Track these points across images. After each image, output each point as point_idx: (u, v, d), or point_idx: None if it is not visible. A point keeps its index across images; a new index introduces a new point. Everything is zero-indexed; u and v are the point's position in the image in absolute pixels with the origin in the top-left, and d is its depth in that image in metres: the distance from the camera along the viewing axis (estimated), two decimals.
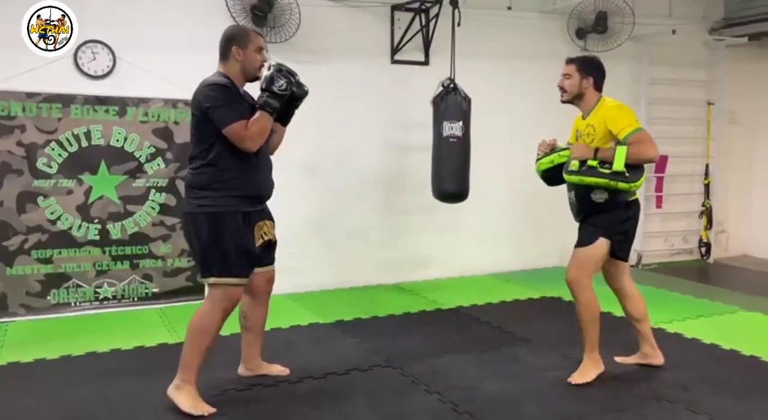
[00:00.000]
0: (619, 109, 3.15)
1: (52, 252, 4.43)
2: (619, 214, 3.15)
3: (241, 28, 3.00)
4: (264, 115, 2.82)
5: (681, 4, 6.31)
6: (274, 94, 2.83)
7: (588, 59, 3.29)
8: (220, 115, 2.75)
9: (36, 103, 4.30)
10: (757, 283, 5.62)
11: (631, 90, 6.26)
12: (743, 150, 6.80)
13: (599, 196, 3.09)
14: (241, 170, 2.84)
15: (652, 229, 6.43)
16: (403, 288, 5.29)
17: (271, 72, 2.84)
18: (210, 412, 2.85)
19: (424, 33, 5.29)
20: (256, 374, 3.27)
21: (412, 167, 5.29)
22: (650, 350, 3.42)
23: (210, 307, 2.86)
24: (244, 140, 2.77)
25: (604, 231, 3.15)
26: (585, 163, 3.08)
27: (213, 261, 2.83)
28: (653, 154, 3.06)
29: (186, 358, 2.88)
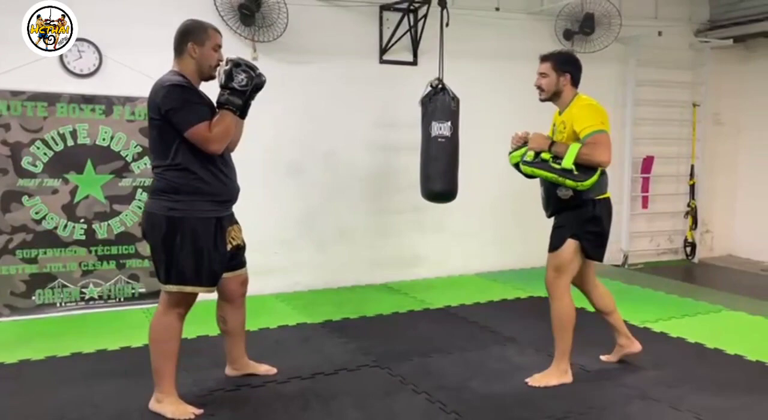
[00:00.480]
0: (588, 108, 3.10)
1: (37, 252, 4.39)
2: (585, 212, 3.11)
3: (199, 23, 2.82)
4: (227, 114, 2.69)
5: (667, 7, 6.37)
6: (234, 91, 2.68)
7: (562, 55, 3.25)
8: (180, 118, 2.62)
9: (21, 102, 4.26)
10: (741, 283, 5.68)
11: (617, 91, 6.31)
12: (728, 151, 6.87)
13: (564, 193, 3.07)
14: (209, 173, 2.74)
15: (638, 229, 6.48)
16: (391, 288, 5.30)
17: (229, 67, 2.69)
18: (196, 413, 2.83)
19: (412, 33, 5.30)
20: (244, 373, 3.26)
21: (401, 167, 5.30)
22: (626, 341, 3.43)
23: (165, 312, 2.78)
24: (209, 142, 2.65)
25: (571, 231, 3.12)
26: (539, 154, 3.08)
27: (182, 268, 2.71)
28: (604, 159, 3.00)
29: (157, 367, 2.82)
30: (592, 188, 3.08)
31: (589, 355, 3.59)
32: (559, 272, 3.17)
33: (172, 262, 2.71)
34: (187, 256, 2.70)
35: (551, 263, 3.19)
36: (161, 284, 2.78)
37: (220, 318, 3.15)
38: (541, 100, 3.28)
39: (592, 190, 3.08)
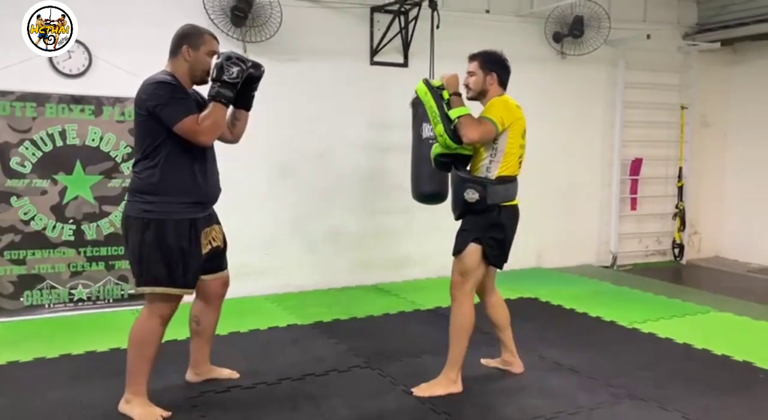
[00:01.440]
0: (497, 102, 3.07)
1: (26, 253, 4.36)
2: (489, 217, 3.06)
3: (197, 28, 2.85)
4: (217, 106, 2.69)
5: (656, 10, 6.42)
6: (225, 84, 2.69)
7: (489, 54, 3.19)
8: (168, 112, 2.63)
9: (9, 102, 4.23)
10: (729, 284, 5.73)
11: (606, 93, 6.36)
12: (715, 153, 6.94)
13: (471, 196, 3.05)
14: (189, 174, 2.74)
15: (626, 230, 6.53)
16: (381, 289, 5.30)
17: (220, 61, 2.71)
18: (164, 415, 2.81)
19: (403, 35, 5.31)
20: (205, 379, 3.20)
21: (392, 168, 5.31)
22: (510, 358, 3.39)
23: (148, 316, 2.78)
24: (198, 134, 2.65)
25: (474, 236, 3.08)
26: (442, 89, 3.07)
27: (155, 270, 2.70)
28: (471, 134, 2.95)
29: (132, 368, 2.81)
30: (496, 195, 3.05)
31: (578, 355, 3.62)
32: (464, 277, 3.10)
33: (145, 263, 2.72)
34: (160, 257, 2.70)
35: (456, 268, 3.14)
36: (135, 286, 2.79)
37: (194, 317, 3.12)
38: (468, 98, 3.22)
39: (497, 196, 3.05)
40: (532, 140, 3.49)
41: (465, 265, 3.10)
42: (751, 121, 6.70)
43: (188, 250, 2.76)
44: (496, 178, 3.06)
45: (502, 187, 3.07)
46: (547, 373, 3.39)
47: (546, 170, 5.95)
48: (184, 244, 2.74)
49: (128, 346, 2.82)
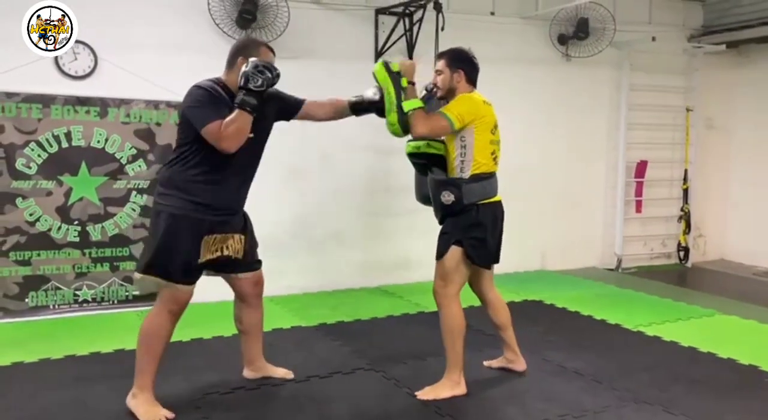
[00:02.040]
0: (460, 99, 3.06)
1: (31, 254, 4.37)
2: (467, 218, 3.03)
3: (254, 41, 2.97)
4: (241, 113, 2.70)
5: (661, 12, 6.41)
6: (250, 92, 2.71)
7: (456, 52, 3.18)
8: (197, 115, 2.71)
9: (15, 103, 4.25)
10: (734, 287, 5.71)
11: (611, 95, 6.35)
12: (721, 155, 6.91)
13: (447, 198, 3.03)
14: (210, 178, 2.78)
15: (631, 233, 6.51)
16: (386, 291, 5.30)
17: (247, 69, 2.73)
18: (168, 417, 2.83)
19: (407, 37, 5.31)
20: (262, 376, 3.26)
21: (395, 170, 5.30)
22: (513, 356, 3.38)
23: (157, 309, 2.85)
24: (221, 140, 2.68)
25: (455, 238, 3.04)
26: (400, 75, 3.01)
27: (152, 257, 2.78)
28: (419, 129, 2.95)
29: (139, 363, 2.85)
30: (472, 193, 3.02)
31: (582, 358, 3.61)
32: (445, 281, 3.07)
33: (146, 249, 2.86)
34: (159, 246, 2.77)
35: (438, 272, 3.11)
36: (137, 272, 2.87)
37: (237, 318, 3.21)
38: (438, 97, 3.20)
39: (473, 195, 3.02)
40: (536, 142, 3.49)
41: (445, 269, 3.07)
42: (757, 124, 6.67)
43: (182, 247, 2.77)
44: (470, 177, 3.03)
45: (478, 186, 3.03)
46: (551, 376, 3.39)
47: (550, 172, 5.94)
48: (185, 242, 2.77)
49: (137, 340, 2.87)
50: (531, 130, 5.84)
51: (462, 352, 3.10)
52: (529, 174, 5.74)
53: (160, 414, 2.83)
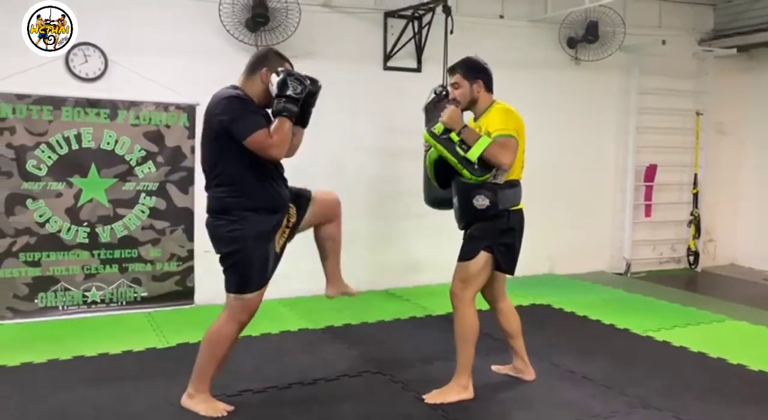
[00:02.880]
0: (504, 112, 3.07)
1: (41, 255, 4.39)
2: (500, 223, 3.04)
3: (279, 54, 2.96)
4: (284, 120, 2.74)
5: (671, 15, 6.38)
6: (290, 99, 2.75)
7: (469, 63, 3.17)
8: (240, 126, 2.70)
9: (26, 105, 4.27)
10: (745, 293, 5.67)
11: (621, 99, 6.32)
12: (731, 160, 6.87)
13: (481, 202, 3.00)
14: (260, 186, 2.82)
15: (640, 237, 6.47)
16: (393, 294, 5.29)
17: (282, 77, 2.76)
18: (228, 410, 2.90)
19: (416, 40, 5.31)
20: (341, 292, 3.37)
21: (404, 173, 5.30)
22: (522, 365, 3.36)
23: (227, 318, 2.88)
24: (269, 148, 2.71)
25: (485, 243, 3.04)
26: (449, 132, 2.99)
27: (235, 278, 2.84)
28: (507, 161, 2.94)
29: (201, 366, 2.91)
30: (507, 199, 3.03)
31: (591, 363, 3.58)
32: (465, 284, 3.06)
33: (232, 273, 2.85)
34: (244, 268, 2.82)
35: (458, 274, 3.10)
36: (226, 291, 2.90)
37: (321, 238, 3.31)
38: (461, 109, 3.16)
39: (507, 200, 3.03)
40: (545, 146, 3.47)
41: (469, 273, 3.06)
42: (767, 128, 6.63)
43: (267, 258, 2.89)
44: (504, 183, 3.04)
45: (511, 192, 3.06)
46: (560, 381, 3.37)
47: (559, 176, 5.92)
48: (266, 254, 2.87)
49: (202, 344, 2.92)
50: (540, 134, 5.80)
51: (472, 358, 3.09)
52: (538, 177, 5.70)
53: (221, 408, 2.90)
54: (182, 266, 4.76)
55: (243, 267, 2.82)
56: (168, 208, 4.68)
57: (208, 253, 4.77)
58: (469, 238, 3.13)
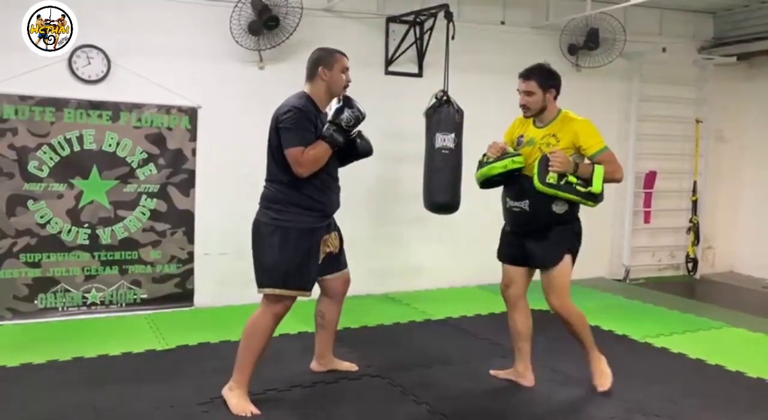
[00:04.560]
0: (590, 125, 3.13)
1: (41, 256, 4.40)
2: (575, 226, 3.15)
3: (328, 50, 3.10)
4: (323, 144, 2.90)
5: (672, 23, 6.41)
6: (340, 128, 2.92)
7: (544, 71, 3.20)
8: (286, 136, 2.86)
9: (29, 107, 4.29)
10: (743, 300, 5.68)
11: (621, 106, 6.34)
12: (730, 167, 6.88)
13: (560, 207, 3.06)
14: (314, 189, 2.95)
15: (640, 243, 6.48)
16: (392, 298, 5.30)
17: (341, 104, 2.93)
18: (254, 413, 2.93)
19: (418, 45, 5.33)
20: (328, 369, 3.44)
21: (404, 178, 5.31)
22: (523, 369, 3.38)
23: (263, 312, 2.99)
24: (299, 165, 2.85)
25: (566, 246, 3.12)
26: (564, 177, 3.00)
27: (276, 273, 2.92)
28: (622, 175, 3.09)
29: (241, 360, 2.99)
30: (578, 206, 3.11)
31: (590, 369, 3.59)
32: (563, 292, 3.16)
33: (271, 266, 2.94)
34: (285, 262, 2.92)
35: (554, 284, 3.14)
36: (258, 288, 2.99)
37: (319, 312, 3.39)
38: (527, 116, 3.24)
39: (578, 207, 3.11)
40: None
41: (564, 278, 3.16)
42: (767, 136, 6.65)
43: (308, 255, 2.97)
44: None
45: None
46: (559, 386, 3.38)
47: None
48: (307, 252, 2.97)
49: (241, 338, 3.01)
50: None
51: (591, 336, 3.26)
52: None
53: (249, 408, 2.94)
54: (182, 268, 4.76)
55: (285, 261, 2.91)
56: (169, 211, 4.69)
57: (208, 255, 4.87)
58: (550, 242, 3.13)
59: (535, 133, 3.21)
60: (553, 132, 3.13)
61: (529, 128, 3.27)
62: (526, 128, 3.28)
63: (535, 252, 3.18)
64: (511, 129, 3.42)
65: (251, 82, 4.83)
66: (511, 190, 3.20)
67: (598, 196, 3.03)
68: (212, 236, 4.83)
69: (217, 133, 4.76)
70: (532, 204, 3.11)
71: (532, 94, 3.14)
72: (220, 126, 4.77)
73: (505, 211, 3.28)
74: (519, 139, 3.28)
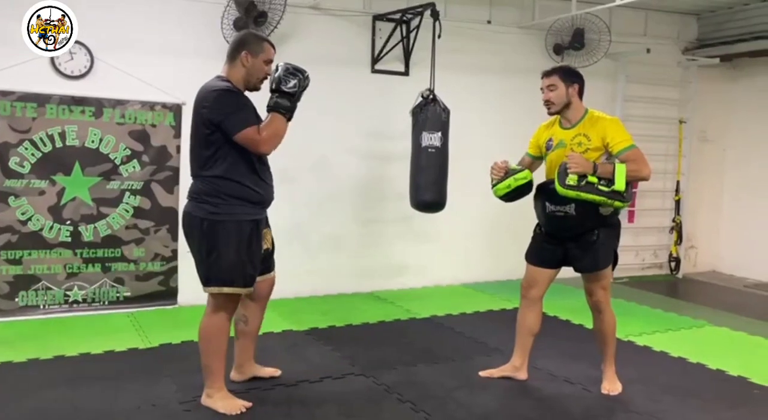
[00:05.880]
0: (618, 123, 3.15)
1: (22, 253, 4.35)
2: (618, 228, 3.20)
3: (257, 36, 2.94)
4: (276, 116, 2.77)
5: (656, 24, 6.46)
6: (283, 94, 2.77)
7: (567, 68, 3.27)
8: (230, 122, 2.69)
9: (10, 102, 4.23)
10: (725, 299, 5.74)
11: (606, 106, 6.34)
12: (713, 168, 6.95)
13: (606, 209, 3.04)
14: (250, 178, 2.81)
15: (623, 243, 6.38)
16: (378, 297, 5.30)
17: (279, 72, 2.78)
18: (246, 406, 2.91)
19: (404, 44, 5.33)
20: (249, 378, 3.26)
21: (390, 176, 5.32)
22: (521, 364, 3.39)
23: (213, 314, 2.86)
24: (259, 145, 2.72)
25: (613, 248, 3.18)
26: (584, 177, 2.97)
27: (222, 270, 2.78)
28: (648, 173, 3.03)
29: (207, 365, 2.90)
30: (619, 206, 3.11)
31: (572, 367, 3.61)
32: (607, 289, 3.21)
33: (212, 264, 2.79)
34: (226, 258, 2.77)
35: (601, 283, 3.18)
36: (203, 287, 2.85)
37: (242, 317, 3.16)
38: (551, 113, 3.21)
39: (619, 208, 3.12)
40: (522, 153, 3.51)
41: (608, 279, 3.19)
42: (750, 137, 6.72)
43: (251, 250, 2.83)
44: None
45: None
46: (542, 384, 3.39)
47: None
48: (247, 245, 2.81)
49: (200, 343, 2.90)
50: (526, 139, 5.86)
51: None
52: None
53: (239, 405, 2.90)
54: (166, 266, 4.73)
55: (231, 257, 2.77)
56: (152, 208, 4.65)
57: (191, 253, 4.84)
58: (598, 245, 3.11)
59: (564, 135, 3.19)
60: (584, 131, 3.11)
61: (556, 131, 3.24)
62: (554, 131, 3.26)
63: (582, 257, 3.14)
64: (537, 134, 3.38)
65: None
66: (552, 195, 3.10)
67: (624, 194, 2.97)
68: None
69: None
70: (577, 208, 3.04)
71: (555, 88, 3.13)
72: None
73: (545, 216, 3.21)
74: (548, 143, 3.26)
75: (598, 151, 3.08)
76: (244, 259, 2.81)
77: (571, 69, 3.26)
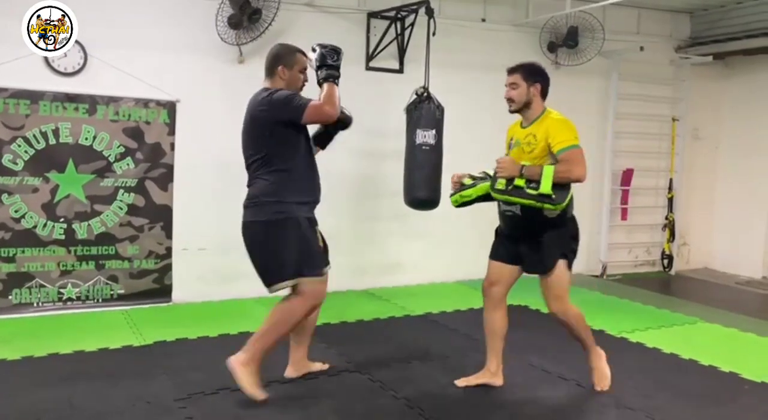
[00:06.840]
0: (563, 123, 3.07)
1: (15, 251, 4.33)
2: (568, 230, 3.11)
3: (288, 48, 3.12)
4: (330, 84, 2.96)
5: (649, 22, 6.48)
6: (330, 67, 2.98)
7: (531, 66, 3.19)
8: (292, 110, 2.88)
9: (3, 99, 4.21)
10: (717, 296, 5.78)
11: (599, 104, 6.40)
12: (706, 165, 6.99)
13: (550, 212, 2.99)
14: (304, 176, 3.02)
15: (616, 240, 6.56)
16: (372, 294, 5.31)
17: (319, 51, 2.99)
18: (264, 398, 2.95)
19: (399, 41, 5.34)
20: (303, 373, 3.33)
21: (384, 174, 5.32)
22: (495, 370, 3.31)
23: (300, 301, 2.98)
24: (323, 109, 2.90)
25: (560, 252, 3.09)
26: (512, 181, 2.97)
27: (292, 262, 2.92)
28: (580, 174, 2.95)
29: (262, 339, 2.97)
30: (571, 205, 3.07)
31: (566, 364, 3.63)
32: (562, 297, 3.14)
33: (286, 259, 2.93)
34: (299, 250, 2.94)
35: (553, 293, 3.12)
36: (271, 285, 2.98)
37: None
38: (511, 111, 3.20)
39: (571, 207, 3.08)
40: None
41: (562, 288, 3.14)
42: (742, 135, 6.76)
43: (315, 242, 3.06)
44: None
45: (570, 197, 3.05)
46: (535, 381, 3.41)
47: None
48: (312, 238, 3.03)
49: (268, 320, 3.00)
50: None
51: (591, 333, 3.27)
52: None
53: (259, 392, 2.96)
54: (160, 264, 4.72)
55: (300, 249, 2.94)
56: (146, 205, 4.64)
57: (186, 250, 4.83)
58: (543, 247, 3.09)
59: (519, 134, 3.19)
60: (533, 132, 3.09)
61: (516, 130, 3.24)
62: (515, 130, 3.26)
63: (529, 258, 3.14)
64: (508, 133, 3.38)
65: (231, 77, 4.79)
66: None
67: (553, 197, 2.90)
68: (190, 231, 4.80)
69: (196, 127, 4.72)
70: (522, 208, 3.04)
71: (516, 87, 3.12)
72: (199, 120, 4.73)
73: (500, 215, 3.23)
74: (510, 143, 3.27)
75: (545, 152, 3.04)
76: (315, 250, 3.03)
77: (536, 67, 3.19)
